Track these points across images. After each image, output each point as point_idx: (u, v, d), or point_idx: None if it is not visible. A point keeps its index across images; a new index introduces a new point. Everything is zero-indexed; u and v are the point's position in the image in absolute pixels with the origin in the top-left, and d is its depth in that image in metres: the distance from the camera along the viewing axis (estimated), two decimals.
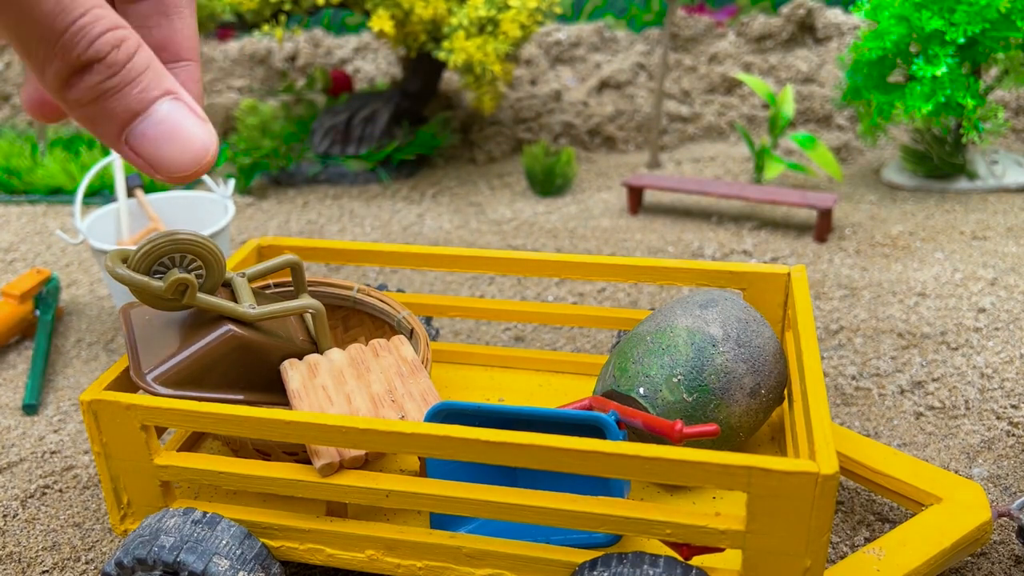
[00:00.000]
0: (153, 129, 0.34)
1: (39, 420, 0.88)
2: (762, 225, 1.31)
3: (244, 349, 0.60)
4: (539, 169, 1.47)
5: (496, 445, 0.50)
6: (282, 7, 1.38)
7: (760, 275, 0.71)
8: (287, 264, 0.67)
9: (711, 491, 0.64)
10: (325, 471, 0.55)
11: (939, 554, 0.57)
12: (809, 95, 1.81)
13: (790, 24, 2.07)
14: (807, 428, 0.53)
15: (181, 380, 0.58)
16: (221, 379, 0.60)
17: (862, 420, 0.83)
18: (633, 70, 1.99)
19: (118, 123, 0.34)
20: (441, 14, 1.34)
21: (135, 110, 0.34)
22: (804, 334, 0.60)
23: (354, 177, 1.57)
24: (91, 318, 1.10)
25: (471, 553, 0.55)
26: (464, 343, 0.92)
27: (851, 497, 0.72)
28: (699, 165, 1.58)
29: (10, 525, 0.73)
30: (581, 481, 0.58)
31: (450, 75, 1.90)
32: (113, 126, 0.34)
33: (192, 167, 0.37)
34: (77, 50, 0.30)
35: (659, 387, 0.61)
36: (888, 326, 0.99)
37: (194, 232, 0.57)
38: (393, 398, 0.62)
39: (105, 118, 0.33)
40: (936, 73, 1.21)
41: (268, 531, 0.58)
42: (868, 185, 1.46)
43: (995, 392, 0.85)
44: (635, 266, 0.73)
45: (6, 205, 1.52)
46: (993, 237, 1.22)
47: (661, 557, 0.50)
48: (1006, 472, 0.75)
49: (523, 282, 1.14)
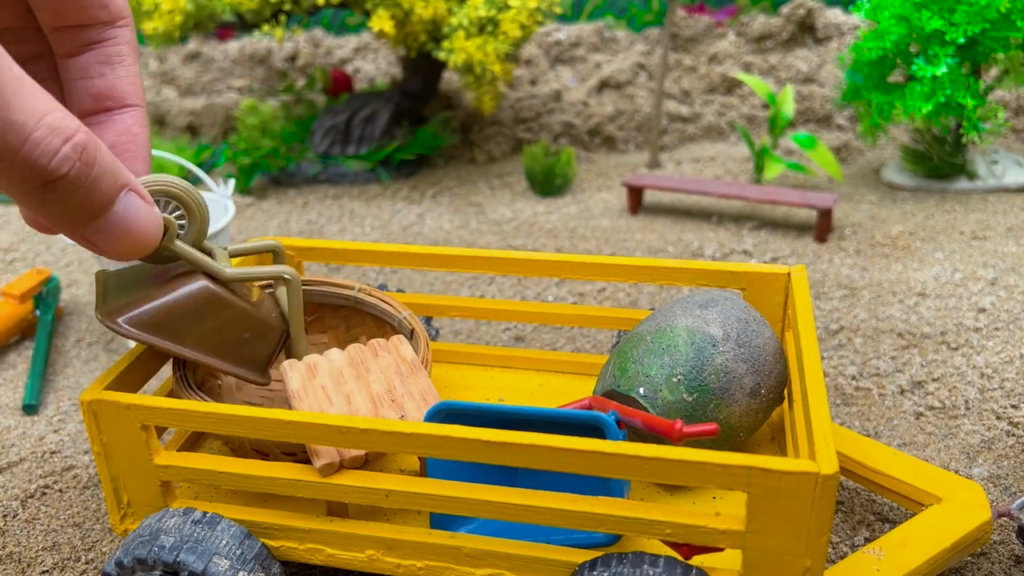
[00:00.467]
0: (110, 227, 0.35)
1: (39, 420, 0.88)
2: (762, 225, 1.31)
3: (216, 305, 0.59)
4: (539, 169, 1.47)
5: (496, 445, 0.50)
6: (282, 7, 1.38)
7: (760, 275, 0.71)
8: (268, 248, 0.67)
9: (711, 491, 0.64)
10: (325, 471, 0.55)
11: (939, 554, 0.57)
12: (809, 95, 1.81)
13: (790, 24, 2.07)
14: (807, 428, 0.53)
15: (151, 325, 0.57)
16: (189, 332, 0.59)
17: (862, 420, 0.83)
18: (633, 70, 1.99)
19: (79, 224, 0.34)
20: (441, 14, 1.34)
21: (96, 214, 0.34)
22: (804, 334, 0.60)
23: (354, 177, 1.57)
24: (91, 318, 1.10)
25: (471, 553, 0.55)
26: (464, 343, 0.92)
27: (851, 497, 0.72)
28: (699, 165, 1.58)
29: (10, 525, 0.73)
30: (581, 481, 0.58)
31: (450, 75, 1.90)
32: (74, 226, 0.34)
33: (141, 254, 0.38)
34: (38, 168, 0.30)
35: (659, 387, 0.61)
36: (888, 326, 0.99)
37: (184, 181, 0.56)
38: (393, 398, 0.62)
39: (66, 221, 0.34)
40: (936, 73, 1.21)
41: (268, 531, 0.58)
42: (868, 185, 1.46)
43: (995, 392, 0.85)
44: (635, 266, 0.73)
45: (6, 205, 1.52)
46: (993, 237, 1.22)
47: (661, 557, 0.50)
48: (1006, 472, 0.75)
49: (523, 282, 1.14)
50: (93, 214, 0.34)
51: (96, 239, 0.35)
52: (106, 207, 0.34)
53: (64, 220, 0.34)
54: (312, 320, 0.79)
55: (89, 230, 0.35)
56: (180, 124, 1.86)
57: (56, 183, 0.31)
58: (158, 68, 2.21)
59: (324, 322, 0.79)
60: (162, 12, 1.32)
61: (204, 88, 2.08)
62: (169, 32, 1.34)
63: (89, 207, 0.33)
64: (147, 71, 2.21)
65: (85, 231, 0.35)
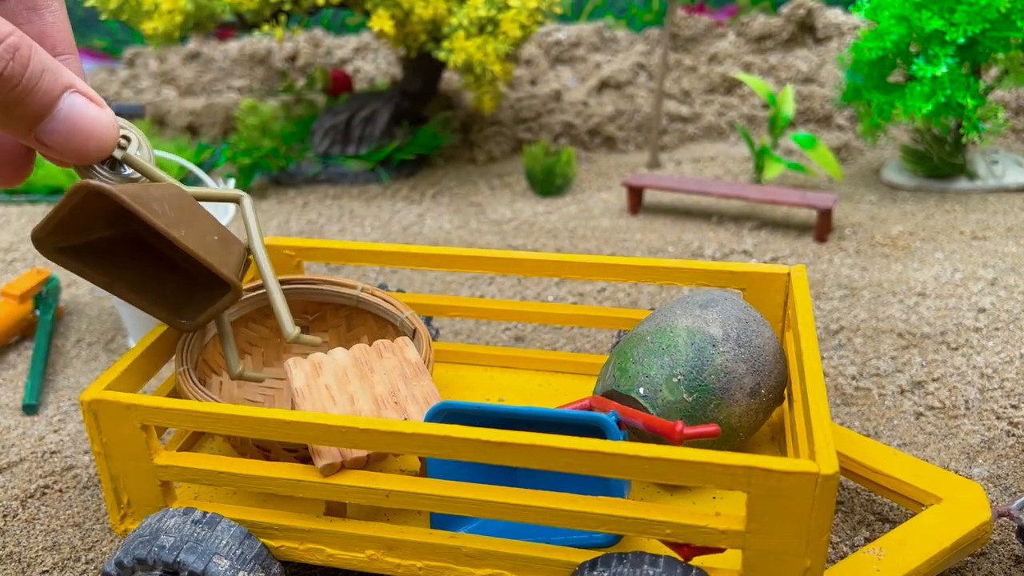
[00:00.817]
0: (59, 125, 0.36)
1: (39, 420, 0.88)
2: (762, 225, 1.31)
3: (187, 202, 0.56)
4: (539, 169, 1.47)
5: (496, 445, 0.50)
6: (282, 7, 1.38)
7: (760, 275, 0.71)
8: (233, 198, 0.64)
9: (711, 491, 0.64)
10: (327, 471, 0.55)
11: (939, 554, 0.57)
12: (809, 95, 1.81)
13: (790, 24, 2.07)
14: (807, 428, 0.53)
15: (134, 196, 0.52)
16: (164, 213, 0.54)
17: (862, 420, 0.83)
18: (633, 70, 1.99)
19: (26, 125, 0.36)
20: (441, 14, 1.34)
21: (40, 113, 0.36)
22: (804, 334, 0.60)
23: (354, 177, 1.57)
24: (91, 318, 1.10)
25: (471, 553, 0.55)
26: (464, 343, 0.92)
27: (851, 497, 0.72)
28: (699, 165, 1.58)
29: (10, 525, 0.73)
30: (581, 481, 0.58)
31: (450, 75, 1.90)
32: (22, 128, 0.36)
33: (99, 152, 0.39)
34: None
35: (659, 387, 0.61)
36: (888, 326, 0.99)
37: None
38: (396, 400, 0.62)
39: (13, 123, 0.35)
40: (936, 73, 1.21)
41: (268, 531, 0.58)
42: (868, 185, 1.46)
43: (995, 392, 0.85)
44: (635, 266, 0.73)
45: (6, 205, 1.52)
46: (993, 237, 1.22)
47: (661, 557, 0.50)
48: (1006, 472, 0.75)
49: (523, 282, 1.14)
50: (37, 113, 0.36)
51: (49, 140, 0.37)
52: (49, 106, 0.36)
53: (9, 121, 0.35)
54: (314, 319, 0.79)
55: (41, 132, 0.36)
56: (180, 124, 1.86)
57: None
58: (158, 68, 2.21)
59: (326, 321, 0.79)
60: (162, 12, 1.32)
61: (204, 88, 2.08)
62: (169, 32, 1.34)
63: (31, 105, 0.35)
64: (147, 71, 2.21)
65: (37, 133, 0.36)
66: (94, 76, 2.22)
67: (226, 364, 0.65)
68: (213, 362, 0.74)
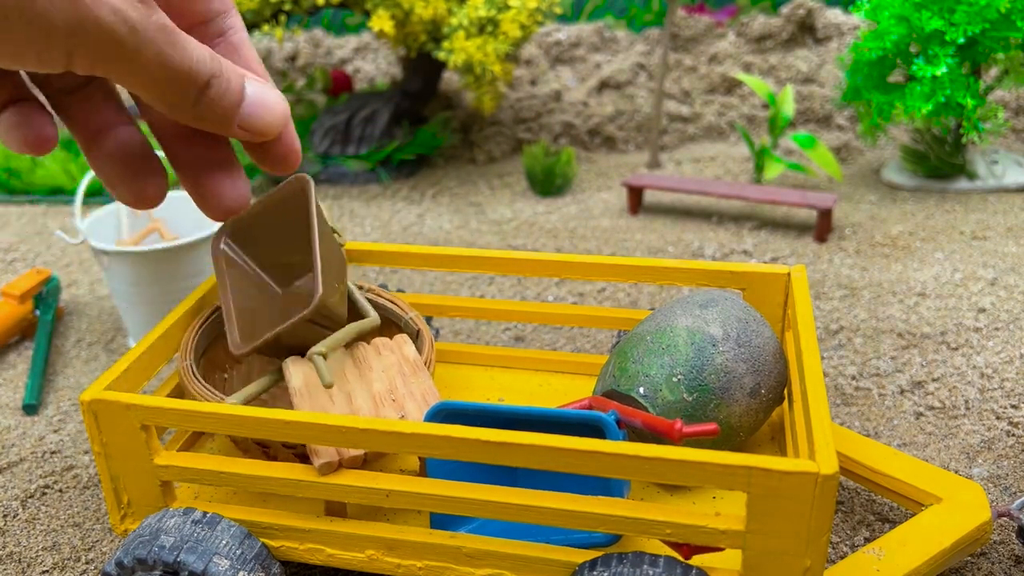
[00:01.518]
0: (252, 109, 0.44)
1: (39, 420, 0.88)
2: (762, 225, 1.31)
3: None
4: (539, 169, 1.47)
5: (496, 445, 0.50)
6: (282, 7, 1.38)
7: (760, 275, 0.71)
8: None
9: (711, 491, 0.64)
10: (324, 470, 0.55)
11: (939, 554, 0.57)
12: (809, 95, 1.81)
13: (790, 24, 2.07)
14: (807, 428, 0.53)
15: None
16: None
17: (862, 420, 0.83)
18: (633, 70, 1.99)
19: (231, 115, 0.43)
20: (441, 14, 1.34)
21: (238, 100, 0.43)
22: (804, 334, 0.60)
23: (354, 177, 1.57)
24: (91, 318, 1.10)
25: (471, 553, 0.55)
26: (464, 343, 0.92)
27: (851, 497, 0.72)
28: (699, 165, 1.58)
29: (10, 525, 0.73)
30: (581, 481, 0.58)
31: (450, 75, 1.90)
32: (228, 118, 0.43)
33: (283, 122, 0.46)
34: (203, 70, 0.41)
35: (659, 387, 0.61)
36: (888, 326, 0.99)
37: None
38: (394, 397, 0.62)
39: (222, 116, 0.43)
40: (936, 73, 1.21)
41: (268, 531, 0.58)
42: (868, 185, 1.46)
43: (995, 392, 0.85)
44: (635, 266, 0.73)
45: (6, 205, 1.52)
46: (993, 237, 1.22)
47: (661, 557, 0.50)
48: (1006, 472, 0.75)
49: (523, 282, 1.14)
50: (237, 101, 0.43)
51: (249, 124, 0.44)
52: (241, 93, 0.43)
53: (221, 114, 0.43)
54: None
55: (241, 117, 0.44)
56: None
57: (210, 82, 0.41)
58: None
59: None
60: None
61: None
62: None
63: (232, 95, 0.43)
64: None
65: (238, 119, 0.43)
66: None
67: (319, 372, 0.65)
68: (217, 359, 0.74)
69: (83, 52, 0.37)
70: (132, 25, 0.37)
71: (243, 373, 0.76)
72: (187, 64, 0.40)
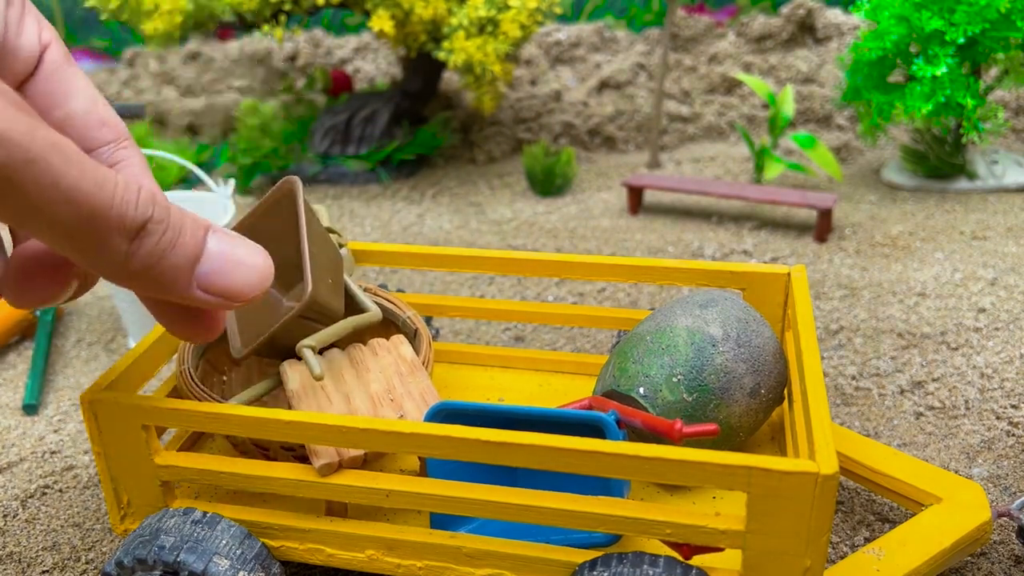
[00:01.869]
0: (216, 264, 0.35)
1: (39, 420, 0.88)
2: (762, 225, 1.31)
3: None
4: (539, 169, 1.47)
5: (496, 445, 0.50)
6: (282, 7, 1.38)
7: (760, 275, 0.71)
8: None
9: (711, 491, 0.64)
10: (324, 471, 0.55)
11: (939, 554, 0.57)
12: (809, 95, 1.81)
13: (790, 24, 2.07)
14: (807, 428, 0.53)
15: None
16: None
17: (862, 420, 0.83)
18: (633, 70, 1.99)
19: (185, 274, 0.34)
20: (441, 14, 1.34)
21: (195, 254, 0.34)
22: (804, 334, 0.60)
23: (354, 177, 1.57)
24: (91, 318, 1.10)
25: (471, 553, 0.55)
26: (464, 343, 0.92)
27: (851, 497, 0.72)
28: (699, 165, 1.58)
29: (10, 525, 0.73)
30: (581, 481, 0.58)
31: (450, 75, 1.90)
32: (181, 278, 0.34)
33: (262, 284, 0.37)
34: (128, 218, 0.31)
35: (659, 387, 0.61)
36: (888, 326, 0.99)
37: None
38: (392, 397, 0.62)
39: (172, 274, 0.34)
40: (936, 73, 1.21)
41: (268, 531, 0.58)
42: (868, 185, 1.46)
43: (995, 392, 0.85)
44: (635, 266, 0.73)
45: None
46: (993, 237, 1.22)
47: (661, 557, 0.50)
48: (1006, 472, 0.75)
49: (523, 282, 1.14)
50: (192, 256, 0.34)
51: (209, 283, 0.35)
52: (199, 246, 0.34)
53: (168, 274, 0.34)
54: None
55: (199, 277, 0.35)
56: (180, 124, 1.86)
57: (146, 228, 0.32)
58: (158, 68, 2.21)
59: None
60: (162, 12, 1.32)
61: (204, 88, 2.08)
62: (169, 32, 1.34)
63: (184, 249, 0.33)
64: (147, 71, 2.21)
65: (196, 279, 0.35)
66: (94, 76, 2.22)
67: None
68: (216, 361, 0.74)
69: None
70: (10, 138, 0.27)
71: (243, 376, 0.76)
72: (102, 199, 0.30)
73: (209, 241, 0.35)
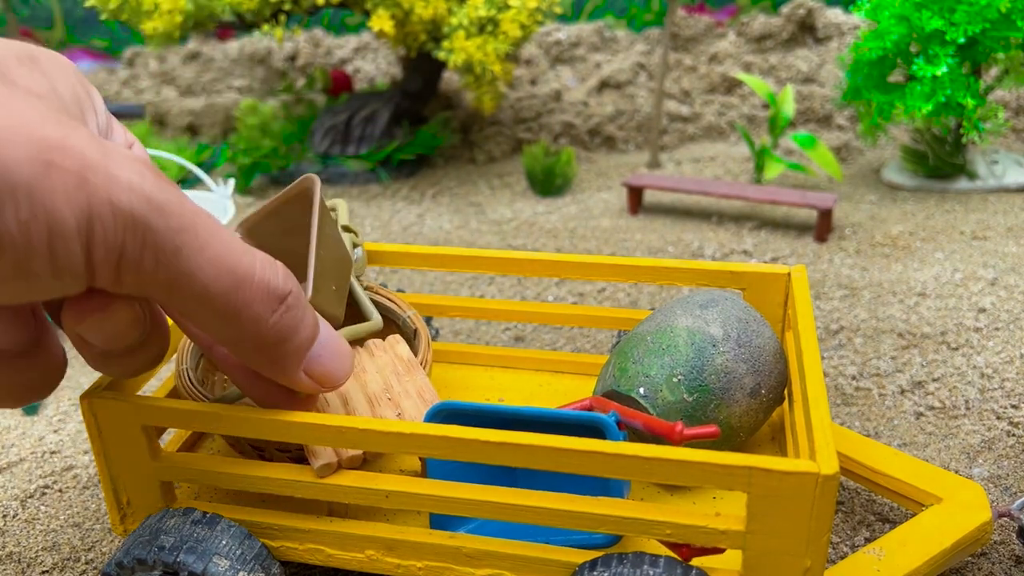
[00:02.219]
0: (326, 350, 0.36)
1: (39, 420, 0.88)
2: (762, 225, 1.31)
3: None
4: (539, 169, 1.47)
5: (496, 445, 0.50)
6: (282, 7, 1.38)
7: (760, 275, 0.71)
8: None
9: (711, 491, 0.64)
10: (323, 471, 0.55)
11: (939, 554, 0.57)
12: (809, 95, 1.81)
13: (790, 24, 2.07)
14: (807, 428, 0.53)
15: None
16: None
17: (862, 420, 0.83)
18: (633, 70, 1.99)
19: (303, 353, 0.35)
20: (441, 14, 1.34)
21: (315, 336, 0.36)
22: (804, 334, 0.60)
23: (354, 177, 1.57)
24: None
25: (471, 553, 0.55)
26: (464, 343, 0.92)
27: (851, 497, 0.72)
28: (699, 165, 1.58)
29: (10, 525, 0.73)
30: (581, 481, 0.58)
31: (450, 75, 1.90)
32: (298, 357, 0.35)
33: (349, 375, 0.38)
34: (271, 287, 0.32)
35: (659, 387, 0.61)
36: (888, 326, 0.99)
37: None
38: (390, 396, 0.62)
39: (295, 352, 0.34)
40: (936, 73, 1.21)
41: (268, 531, 0.58)
42: (868, 185, 1.46)
43: (995, 392, 0.85)
44: (635, 266, 0.73)
45: None
46: (993, 237, 1.22)
47: (661, 557, 0.50)
48: (1006, 472, 0.75)
49: (523, 282, 1.14)
50: (312, 336, 0.35)
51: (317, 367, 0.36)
52: (317, 328, 0.36)
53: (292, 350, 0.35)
54: None
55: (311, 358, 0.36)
56: (180, 124, 1.86)
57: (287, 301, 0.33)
58: (158, 68, 2.21)
59: None
60: (162, 12, 1.32)
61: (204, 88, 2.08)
62: (169, 32, 1.34)
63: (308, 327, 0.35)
64: (147, 71, 2.21)
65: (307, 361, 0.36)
66: (94, 76, 2.22)
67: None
68: None
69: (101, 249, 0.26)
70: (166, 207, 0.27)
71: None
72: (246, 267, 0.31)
73: (322, 327, 0.37)
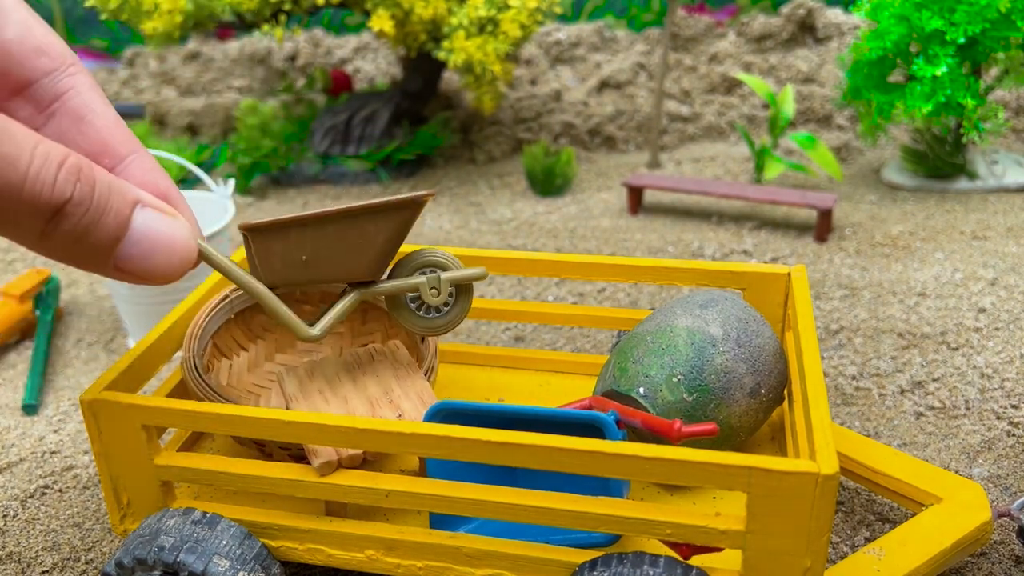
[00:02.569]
0: (136, 247, 0.33)
1: (39, 420, 0.88)
2: (762, 225, 1.31)
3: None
4: (539, 169, 1.47)
5: (496, 445, 0.50)
6: (282, 7, 1.38)
7: (760, 275, 0.71)
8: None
9: (711, 491, 0.64)
10: (324, 470, 0.55)
11: (939, 554, 0.57)
12: (809, 95, 1.81)
13: (790, 24, 2.07)
14: (807, 428, 0.53)
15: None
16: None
17: (862, 420, 0.83)
18: (633, 70, 1.98)
19: (104, 254, 0.33)
20: (441, 14, 1.34)
21: (116, 236, 0.33)
22: (804, 334, 0.60)
23: (354, 177, 1.57)
24: (91, 318, 1.10)
25: (471, 553, 0.55)
26: (464, 343, 0.92)
27: (851, 497, 0.72)
28: (699, 165, 1.58)
29: (10, 525, 0.73)
30: (581, 481, 0.58)
31: (450, 75, 1.90)
32: (100, 258, 0.33)
33: (182, 268, 0.36)
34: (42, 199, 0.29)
35: (659, 387, 0.61)
36: (888, 326, 0.99)
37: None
38: (390, 399, 0.62)
39: (90, 254, 0.32)
40: (936, 73, 1.21)
41: (268, 531, 0.58)
42: (868, 185, 1.46)
43: (995, 392, 0.85)
44: (635, 266, 0.73)
45: None
46: (993, 237, 1.22)
47: (661, 557, 0.50)
48: (1006, 472, 0.75)
49: (523, 282, 1.14)
50: (113, 237, 0.33)
51: (128, 265, 0.34)
52: (123, 226, 0.33)
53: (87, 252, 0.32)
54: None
55: (118, 257, 0.34)
56: (180, 124, 1.86)
57: (64, 210, 0.30)
58: (158, 68, 2.21)
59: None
60: (162, 12, 1.32)
61: (204, 88, 2.08)
62: (169, 32, 1.34)
63: (105, 230, 0.32)
64: (147, 71, 2.21)
65: (115, 259, 0.34)
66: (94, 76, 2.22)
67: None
68: (224, 346, 0.74)
69: None
70: None
71: (252, 358, 0.76)
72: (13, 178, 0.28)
73: (135, 219, 0.33)
